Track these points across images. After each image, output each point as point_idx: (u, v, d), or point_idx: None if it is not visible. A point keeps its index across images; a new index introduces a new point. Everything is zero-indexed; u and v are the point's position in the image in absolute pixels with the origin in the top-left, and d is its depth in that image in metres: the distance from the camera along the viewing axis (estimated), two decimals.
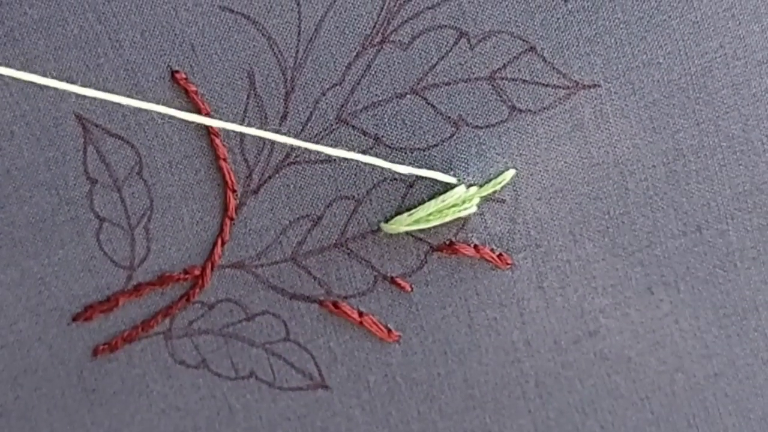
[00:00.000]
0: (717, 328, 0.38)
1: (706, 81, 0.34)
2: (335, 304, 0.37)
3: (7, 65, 0.34)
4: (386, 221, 0.36)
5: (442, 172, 0.35)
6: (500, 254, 0.37)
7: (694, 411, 0.39)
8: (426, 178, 0.35)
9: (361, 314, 0.37)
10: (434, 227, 0.36)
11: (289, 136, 0.35)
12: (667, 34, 0.34)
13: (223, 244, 0.36)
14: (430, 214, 0.35)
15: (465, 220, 0.36)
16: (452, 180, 0.35)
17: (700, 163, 0.35)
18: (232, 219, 0.36)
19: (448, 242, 0.36)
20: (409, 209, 0.36)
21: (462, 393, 0.38)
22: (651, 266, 0.37)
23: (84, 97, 0.35)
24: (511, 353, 0.38)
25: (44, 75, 0.34)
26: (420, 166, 0.35)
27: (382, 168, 0.35)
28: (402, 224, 0.35)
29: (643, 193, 0.36)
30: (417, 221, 0.35)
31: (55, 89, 0.34)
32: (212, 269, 0.37)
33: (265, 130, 0.35)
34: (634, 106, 0.35)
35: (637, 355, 0.38)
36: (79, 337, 0.38)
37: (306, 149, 0.35)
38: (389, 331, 0.38)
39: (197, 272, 0.37)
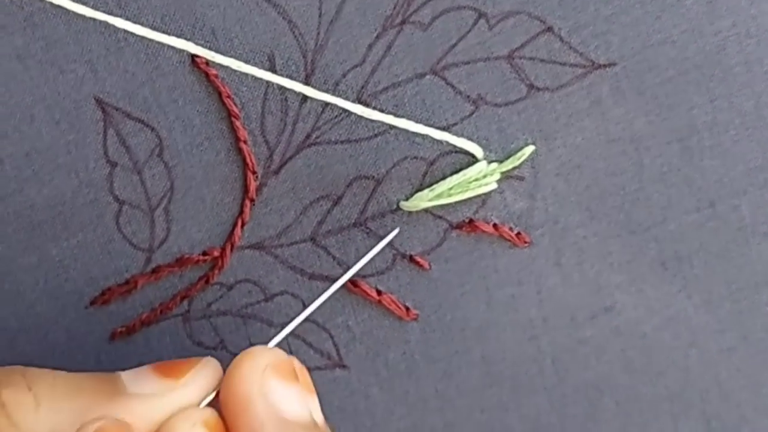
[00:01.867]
0: (730, 302, 0.38)
1: (719, 59, 0.35)
2: (354, 283, 0.38)
3: (28, 49, 0.35)
4: (406, 200, 0.36)
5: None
6: (518, 233, 0.37)
7: (708, 386, 0.39)
8: (447, 156, 0.36)
9: (379, 293, 0.38)
10: (454, 204, 0.36)
11: (310, 117, 0.36)
12: (681, 14, 0.35)
13: (243, 225, 0.37)
14: (451, 189, 0.35)
15: (485, 197, 0.37)
16: (478, 149, 0.36)
17: (714, 140, 0.36)
18: (252, 200, 0.36)
19: (467, 220, 0.37)
20: (429, 186, 0.36)
21: (480, 370, 0.39)
22: (665, 242, 0.37)
23: (104, 80, 0.35)
24: (529, 330, 0.39)
25: (65, 59, 0.35)
26: (441, 145, 0.36)
27: (404, 146, 0.36)
28: (423, 200, 0.36)
29: (657, 169, 0.37)
30: (438, 196, 0.35)
31: (75, 73, 0.35)
32: (232, 250, 0.37)
33: (286, 112, 0.36)
34: (650, 84, 0.35)
35: (651, 330, 0.39)
36: (97, 320, 0.38)
37: (326, 130, 0.36)
38: (408, 309, 0.38)
39: (216, 254, 0.37)
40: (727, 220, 0.37)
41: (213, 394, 0.33)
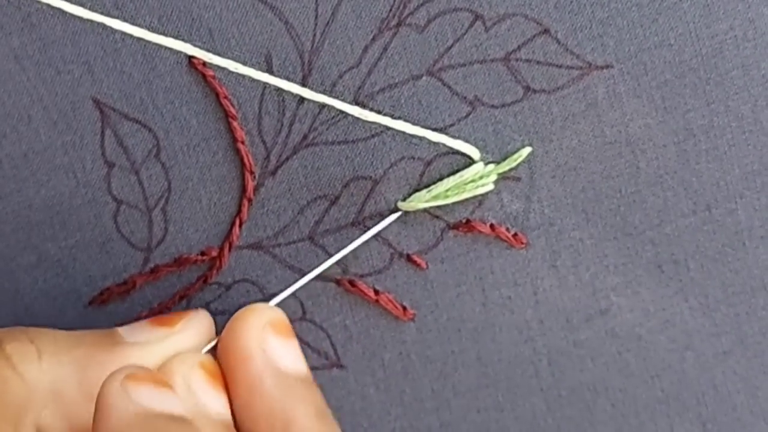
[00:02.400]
0: (726, 306, 0.38)
1: (716, 62, 0.35)
2: (352, 282, 0.38)
3: (25, 50, 0.35)
4: (404, 200, 0.37)
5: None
6: (515, 234, 0.37)
7: (704, 389, 0.39)
8: (444, 157, 0.36)
9: (377, 292, 0.38)
10: (451, 204, 0.36)
11: (307, 118, 0.36)
12: (678, 17, 0.34)
13: (240, 225, 0.37)
14: (448, 190, 0.35)
15: (482, 198, 0.37)
16: (475, 150, 0.36)
17: (710, 143, 0.36)
18: (250, 200, 0.37)
19: (464, 220, 0.37)
20: (427, 187, 0.36)
21: (475, 371, 0.39)
22: (661, 245, 0.37)
23: (101, 81, 0.35)
24: (525, 332, 0.39)
25: (62, 60, 0.35)
26: (438, 146, 0.36)
27: (401, 146, 0.36)
28: (420, 201, 0.36)
29: (654, 172, 0.36)
30: (435, 197, 0.35)
31: (72, 74, 0.35)
32: (230, 250, 0.37)
33: (283, 113, 0.36)
34: (647, 87, 0.35)
35: (647, 333, 0.38)
36: (96, 320, 0.38)
37: (322, 131, 0.36)
38: (404, 309, 0.38)
39: (215, 253, 0.37)
40: (723, 223, 0.37)
41: (210, 345, 0.34)
